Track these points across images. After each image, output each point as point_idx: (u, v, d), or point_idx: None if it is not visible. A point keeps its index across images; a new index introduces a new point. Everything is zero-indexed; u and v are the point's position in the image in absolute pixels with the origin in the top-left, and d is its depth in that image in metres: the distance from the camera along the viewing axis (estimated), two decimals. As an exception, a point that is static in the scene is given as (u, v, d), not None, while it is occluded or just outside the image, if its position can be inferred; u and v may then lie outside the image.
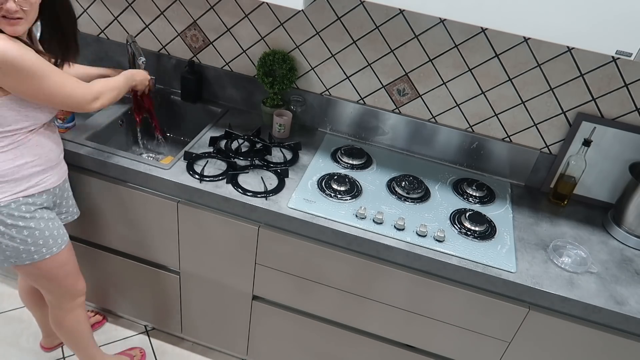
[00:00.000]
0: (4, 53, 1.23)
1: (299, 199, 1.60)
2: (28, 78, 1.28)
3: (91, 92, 1.45)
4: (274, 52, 1.86)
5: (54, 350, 2.06)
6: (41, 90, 1.32)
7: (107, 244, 1.89)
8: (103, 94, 1.50)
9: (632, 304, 1.41)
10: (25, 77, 1.28)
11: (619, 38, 1.19)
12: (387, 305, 1.63)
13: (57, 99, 1.37)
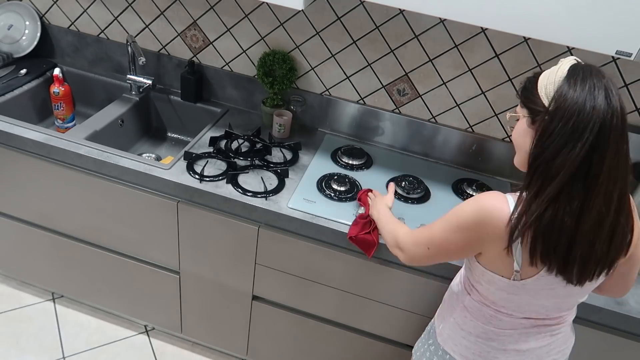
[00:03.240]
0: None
1: (299, 199, 1.60)
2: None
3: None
4: (274, 52, 1.86)
5: (54, 350, 2.06)
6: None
7: (106, 244, 1.89)
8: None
9: (632, 304, 1.41)
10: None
11: (619, 38, 1.19)
12: (387, 305, 1.63)
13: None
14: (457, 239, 1.09)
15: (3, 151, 1.78)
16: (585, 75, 0.95)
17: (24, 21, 2.12)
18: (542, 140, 0.97)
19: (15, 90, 1.98)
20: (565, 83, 0.95)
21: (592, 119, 0.92)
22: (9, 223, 1.99)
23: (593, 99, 0.93)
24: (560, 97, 0.95)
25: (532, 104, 1.01)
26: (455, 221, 1.09)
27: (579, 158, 0.93)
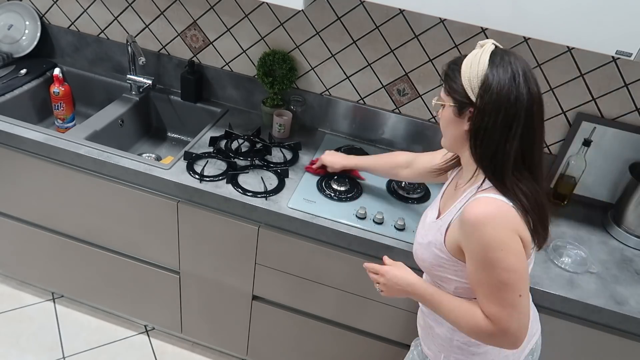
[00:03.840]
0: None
1: (299, 199, 1.60)
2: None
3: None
4: (274, 52, 1.86)
5: (54, 350, 2.06)
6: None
7: (106, 244, 1.89)
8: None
9: (632, 304, 1.41)
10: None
11: (619, 38, 1.19)
12: (387, 305, 1.63)
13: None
14: (515, 254, 1.01)
15: (3, 151, 1.78)
16: (505, 64, 1.00)
17: (24, 21, 2.12)
18: (479, 138, 1.03)
19: (15, 90, 1.98)
20: (489, 75, 1.00)
21: (518, 110, 0.99)
22: (9, 223, 1.99)
23: (516, 89, 0.99)
24: (485, 92, 1.00)
25: (457, 94, 1.06)
26: (495, 250, 1.01)
27: (514, 149, 1.00)
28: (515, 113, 0.99)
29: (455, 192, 1.19)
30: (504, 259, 1.00)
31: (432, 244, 1.15)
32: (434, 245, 1.15)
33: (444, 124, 1.13)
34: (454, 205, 1.13)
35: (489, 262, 1.01)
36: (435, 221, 1.18)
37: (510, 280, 1.01)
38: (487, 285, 1.03)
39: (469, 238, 1.04)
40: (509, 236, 1.01)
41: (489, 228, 1.00)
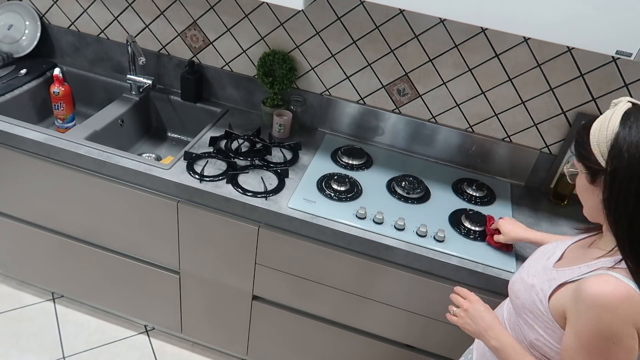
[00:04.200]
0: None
1: (299, 199, 1.60)
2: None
3: None
4: (274, 52, 1.86)
5: (54, 350, 2.06)
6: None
7: (106, 244, 1.89)
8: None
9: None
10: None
11: (619, 38, 1.19)
12: (387, 305, 1.63)
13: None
14: (627, 350, 0.92)
15: (3, 151, 1.78)
16: (637, 121, 0.90)
17: (24, 21, 2.12)
18: (611, 207, 0.93)
19: (15, 90, 1.98)
20: (619, 136, 0.91)
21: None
22: (9, 223, 1.99)
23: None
24: (615, 156, 0.91)
25: (587, 161, 0.97)
26: (607, 340, 0.92)
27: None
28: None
29: (587, 251, 1.07)
30: (614, 352, 0.92)
31: (535, 290, 1.07)
32: (536, 293, 1.06)
33: (580, 193, 1.04)
34: (579, 267, 1.02)
35: (597, 349, 0.93)
36: (552, 269, 1.08)
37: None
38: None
39: (581, 315, 0.94)
40: (628, 331, 0.91)
41: (610, 315, 0.90)
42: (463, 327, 1.16)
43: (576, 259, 1.06)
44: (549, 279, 1.05)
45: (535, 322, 1.07)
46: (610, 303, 0.90)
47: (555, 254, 1.13)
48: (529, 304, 1.08)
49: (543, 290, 1.05)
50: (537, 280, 1.08)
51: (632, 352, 0.92)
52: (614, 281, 0.92)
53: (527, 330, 1.10)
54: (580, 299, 0.94)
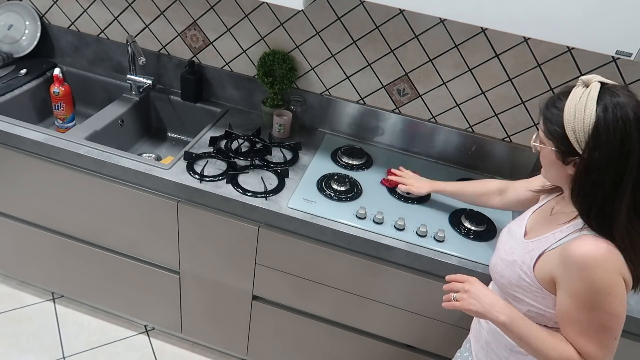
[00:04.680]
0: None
1: (299, 199, 1.60)
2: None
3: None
4: (274, 52, 1.86)
5: (54, 350, 2.06)
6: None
7: (106, 244, 1.89)
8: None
9: (632, 304, 1.41)
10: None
11: (619, 38, 1.19)
12: (387, 305, 1.63)
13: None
14: (620, 298, 0.99)
15: (3, 151, 1.78)
16: (615, 111, 0.92)
17: (24, 21, 2.12)
18: (583, 192, 0.98)
19: (15, 90, 1.98)
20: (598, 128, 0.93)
21: (630, 164, 0.93)
22: (9, 223, 1.99)
23: (628, 142, 0.92)
24: (594, 148, 0.93)
25: (560, 142, 0.99)
26: (602, 293, 0.98)
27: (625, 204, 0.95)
28: (625, 169, 0.93)
29: (551, 218, 1.12)
30: (610, 303, 0.98)
31: (518, 264, 1.11)
32: (520, 267, 1.11)
33: (546, 163, 1.08)
34: (552, 234, 1.08)
35: (594, 304, 0.99)
36: (525, 241, 1.13)
37: (610, 323, 0.99)
38: (587, 326, 1.01)
39: (573, 277, 1.00)
40: (617, 280, 0.97)
41: (600, 270, 0.97)
42: (467, 309, 1.14)
43: (545, 228, 1.11)
44: (527, 251, 1.10)
45: (524, 295, 1.11)
46: (597, 259, 0.97)
47: (518, 225, 1.19)
48: (515, 279, 1.12)
49: (525, 263, 1.09)
50: (517, 255, 1.12)
51: (624, 299, 0.99)
52: (593, 240, 0.98)
53: (517, 305, 1.14)
54: (568, 262, 1.00)
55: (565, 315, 1.04)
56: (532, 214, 1.21)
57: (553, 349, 1.05)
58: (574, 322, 1.02)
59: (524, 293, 1.11)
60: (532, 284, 1.09)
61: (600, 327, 1.00)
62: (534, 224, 1.17)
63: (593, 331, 1.01)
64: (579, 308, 1.01)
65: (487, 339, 1.25)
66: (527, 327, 1.08)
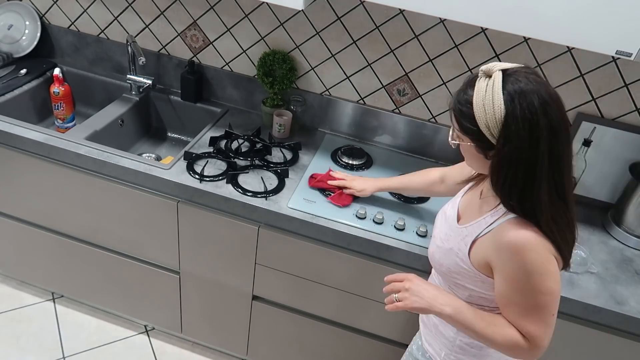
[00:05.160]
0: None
1: (299, 199, 1.60)
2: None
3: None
4: (274, 52, 1.86)
5: (54, 350, 2.06)
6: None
7: (106, 244, 1.89)
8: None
9: (632, 304, 1.41)
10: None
11: (619, 38, 1.19)
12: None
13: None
14: (554, 277, 1.01)
15: (3, 151, 1.78)
16: (522, 100, 0.93)
17: (24, 21, 2.12)
18: (503, 181, 0.99)
19: (15, 90, 1.98)
20: (508, 120, 0.94)
21: (540, 149, 0.95)
22: (9, 223, 1.99)
23: (536, 124, 0.93)
24: (507, 141, 0.95)
25: (477, 138, 1.00)
26: (536, 275, 1.00)
27: (543, 190, 0.97)
28: (537, 157, 0.95)
29: (482, 202, 1.14)
30: (543, 282, 1.00)
31: (454, 252, 1.13)
32: (456, 255, 1.13)
33: (468, 156, 1.09)
34: (483, 219, 1.09)
35: (529, 286, 1.01)
36: (459, 227, 1.15)
37: (547, 302, 1.02)
38: (525, 307, 1.03)
39: (506, 262, 1.02)
40: (548, 260, 1.00)
41: (532, 254, 0.99)
42: (411, 307, 1.14)
43: (476, 212, 1.14)
44: (462, 238, 1.12)
45: (464, 281, 1.14)
46: (527, 243, 0.99)
47: (451, 208, 1.22)
48: (453, 266, 1.14)
49: (461, 250, 1.12)
50: (453, 242, 1.14)
51: (557, 277, 1.02)
52: (522, 224, 1.01)
53: (459, 291, 1.17)
54: (500, 248, 1.03)
55: (503, 298, 1.06)
56: (464, 195, 1.23)
57: (497, 333, 1.07)
58: (512, 304, 1.05)
59: (463, 279, 1.14)
60: (470, 269, 1.11)
61: (538, 306, 1.02)
62: (465, 207, 1.20)
63: (531, 311, 1.03)
64: (515, 291, 1.03)
65: (434, 322, 1.28)
66: (472, 315, 1.10)
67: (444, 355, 1.25)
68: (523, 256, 1.00)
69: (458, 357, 1.23)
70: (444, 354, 1.25)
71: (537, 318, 1.03)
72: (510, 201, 1.01)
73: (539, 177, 0.97)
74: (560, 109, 0.96)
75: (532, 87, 0.94)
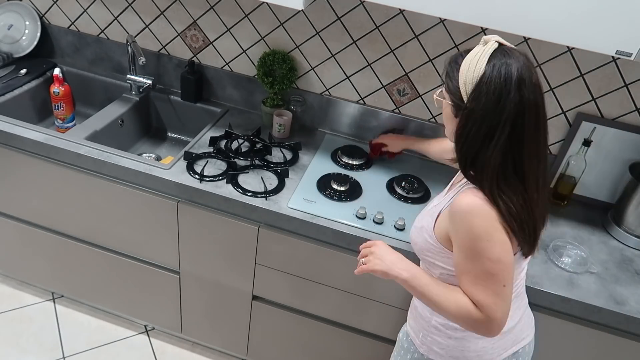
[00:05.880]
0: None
1: (299, 199, 1.60)
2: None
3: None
4: (274, 52, 1.86)
5: (54, 350, 2.06)
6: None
7: (106, 244, 1.89)
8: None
9: (632, 304, 1.41)
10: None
11: (619, 38, 1.19)
12: (387, 305, 1.63)
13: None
14: (501, 245, 1.03)
15: (3, 151, 1.78)
16: (502, 68, 0.98)
17: (24, 21, 2.12)
18: (461, 142, 1.04)
19: (15, 90, 1.98)
20: (482, 80, 0.98)
21: (502, 120, 0.97)
22: (9, 223, 1.99)
23: (505, 98, 0.97)
24: (475, 99, 0.99)
25: (453, 95, 1.05)
26: (481, 239, 1.02)
27: (494, 157, 0.99)
28: (498, 124, 0.98)
29: (457, 180, 1.22)
30: (490, 249, 1.02)
31: (424, 229, 1.18)
32: (425, 231, 1.17)
33: (444, 118, 1.14)
34: (448, 194, 1.17)
35: (476, 251, 1.04)
36: (431, 207, 1.22)
37: (495, 270, 1.03)
38: (475, 275, 1.05)
39: (457, 228, 1.06)
40: (494, 227, 1.02)
41: (478, 218, 1.02)
42: (373, 269, 1.18)
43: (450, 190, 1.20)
44: (430, 215, 1.18)
45: (434, 258, 1.17)
46: (473, 208, 1.03)
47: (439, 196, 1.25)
48: (423, 243, 1.18)
49: (429, 225, 1.16)
50: (424, 221, 1.19)
51: (506, 246, 1.03)
52: (473, 191, 1.05)
53: (433, 270, 1.20)
54: (453, 215, 1.07)
55: (457, 267, 1.09)
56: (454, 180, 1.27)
57: (450, 302, 1.09)
58: (464, 272, 1.07)
59: (433, 256, 1.17)
60: (436, 244, 1.14)
61: (487, 274, 1.04)
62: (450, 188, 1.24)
63: (481, 279, 1.05)
64: (466, 257, 1.06)
65: (415, 304, 1.31)
66: (427, 282, 1.13)
67: (422, 336, 1.28)
68: (469, 221, 1.03)
69: (433, 338, 1.25)
70: (421, 335, 1.28)
71: (486, 286, 1.04)
72: (465, 162, 1.05)
73: (494, 144, 0.99)
74: (536, 95, 0.99)
75: (517, 65, 0.98)
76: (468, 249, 1.05)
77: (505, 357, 1.23)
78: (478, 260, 1.04)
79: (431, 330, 1.25)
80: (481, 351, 1.20)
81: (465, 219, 1.04)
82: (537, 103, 0.99)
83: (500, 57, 0.99)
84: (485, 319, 1.05)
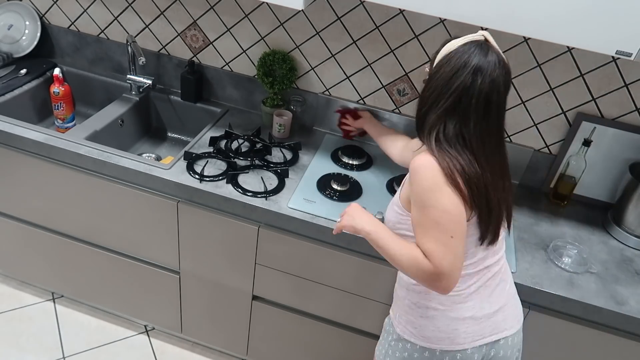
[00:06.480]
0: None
1: (299, 199, 1.60)
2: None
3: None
4: (274, 52, 1.86)
5: (54, 350, 2.06)
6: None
7: (106, 244, 1.89)
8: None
9: (632, 304, 1.41)
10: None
11: (619, 38, 1.19)
12: (387, 305, 1.63)
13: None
14: (449, 197, 1.09)
15: (3, 151, 1.78)
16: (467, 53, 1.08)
17: (24, 21, 2.12)
18: (419, 101, 1.16)
19: (15, 90, 1.98)
20: (451, 53, 1.09)
21: (450, 90, 1.08)
22: (9, 223, 1.99)
23: (460, 74, 1.07)
24: (436, 68, 1.11)
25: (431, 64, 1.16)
26: (430, 190, 1.10)
27: (438, 119, 1.11)
28: (445, 93, 1.09)
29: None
30: (438, 199, 1.09)
31: (393, 202, 1.26)
32: (395, 204, 1.25)
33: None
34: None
35: (425, 201, 1.11)
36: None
37: (442, 219, 1.09)
38: (424, 224, 1.12)
39: (412, 184, 1.14)
40: (443, 180, 1.09)
41: (428, 171, 1.10)
42: (343, 225, 1.28)
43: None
44: (399, 189, 1.27)
45: (406, 230, 1.22)
46: (423, 164, 1.11)
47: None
48: (394, 216, 1.25)
49: (396, 197, 1.26)
50: (394, 197, 1.28)
51: (454, 199, 1.09)
52: (425, 153, 1.13)
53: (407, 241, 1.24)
54: (410, 176, 1.15)
55: (412, 222, 1.16)
56: None
57: (403, 253, 1.15)
58: (416, 224, 1.14)
59: (404, 228, 1.22)
60: (403, 212, 1.21)
61: (434, 223, 1.10)
62: None
63: (429, 228, 1.11)
64: (417, 210, 1.13)
65: (395, 287, 1.36)
66: (387, 236, 1.20)
67: (398, 316, 1.32)
68: (419, 175, 1.11)
69: (407, 317, 1.28)
70: (397, 315, 1.32)
71: (434, 235, 1.10)
72: (418, 123, 1.17)
73: (438, 107, 1.11)
74: (490, 89, 1.07)
75: (488, 59, 1.07)
76: (419, 201, 1.12)
77: (482, 344, 1.23)
78: (427, 209, 1.11)
79: (405, 310, 1.29)
80: (452, 333, 1.22)
81: (417, 174, 1.12)
82: (488, 95, 1.08)
83: (474, 47, 1.08)
84: (433, 269, 1.09)
